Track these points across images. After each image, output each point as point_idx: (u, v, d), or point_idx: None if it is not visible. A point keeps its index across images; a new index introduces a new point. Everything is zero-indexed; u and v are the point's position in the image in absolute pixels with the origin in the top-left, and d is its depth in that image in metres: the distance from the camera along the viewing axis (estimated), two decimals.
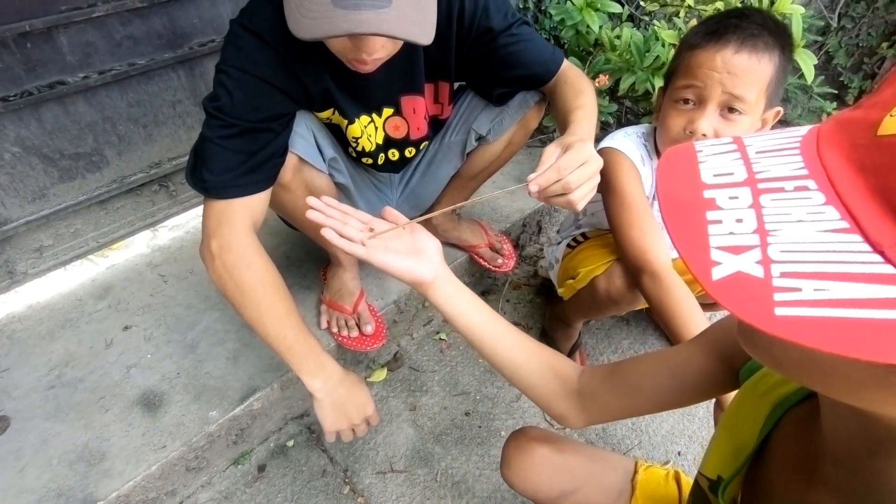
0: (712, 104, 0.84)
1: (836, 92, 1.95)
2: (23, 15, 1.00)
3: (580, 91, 0.90)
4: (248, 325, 0.84)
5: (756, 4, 1.56)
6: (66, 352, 1.14)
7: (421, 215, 0.71)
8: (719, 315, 1.33)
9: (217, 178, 0.78)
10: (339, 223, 0.65)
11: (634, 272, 0.93)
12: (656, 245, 0.91)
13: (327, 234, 0.63)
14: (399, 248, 0.66)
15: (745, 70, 0.81)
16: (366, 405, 0.91)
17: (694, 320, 0.85)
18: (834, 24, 2.06)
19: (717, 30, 0.82)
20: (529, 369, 0.68)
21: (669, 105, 0.90)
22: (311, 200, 0.65)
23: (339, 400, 0.88)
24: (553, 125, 1.60)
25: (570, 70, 0.96)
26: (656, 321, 1.42)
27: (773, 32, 0.81)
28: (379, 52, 0.74)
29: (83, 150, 1.19)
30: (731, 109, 0.84)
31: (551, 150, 0.71)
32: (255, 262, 0.81)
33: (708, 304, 1.12)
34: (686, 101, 0.87)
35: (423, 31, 0.72)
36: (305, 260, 1.36)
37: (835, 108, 1.92)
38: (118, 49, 1.14)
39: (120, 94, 1.19)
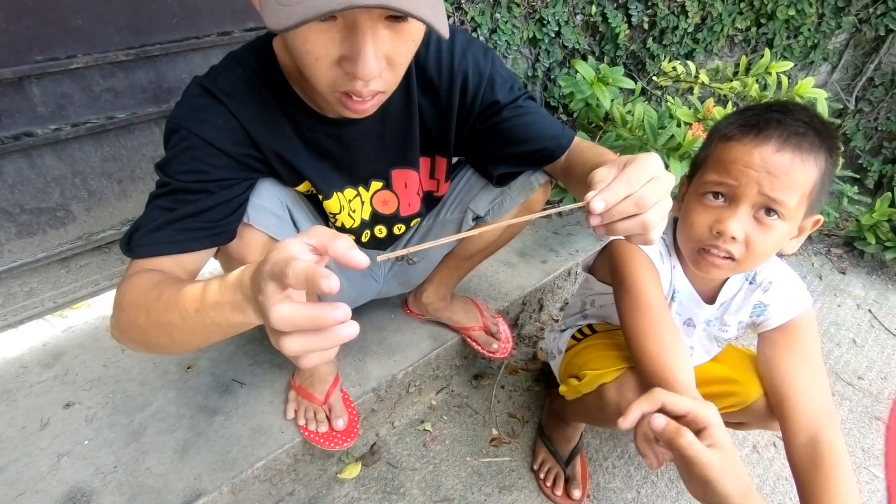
0: (745, 205, 0.73)
1: (856, 176, 1.86)
2: None
3: (604, 151, 0.79)
4: (175, 350, 0.61)
5: (773, 87, 1.51)
6: None
7: (421, 244, 0.50)
8: (749, 435, 1.15)
9: (134, 234, 0.67)
10: None
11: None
12: (678, 362, 0.78)
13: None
14: None
15: (786, 172, 0.70)
16: (280, 262, 0.42)
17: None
18: (851, 106, 2.01)
19: (757, 123, 0.72)
20: None
21: (695, 198, 0.79)
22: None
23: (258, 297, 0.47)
24: (560, 198, 1.50)
25: (583, 142, 0.86)
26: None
27: (820, 133, 0.71)
28: (376, 82, 0.60)
29: (47, 204, 1.09)
30: (768, 212, 0.73)
31: (604, 172, 0.54)
32: (129, 287, 0.62)
33: (732, 424, 0.98)
34: (716, 196, 0.77)
35: (438, 19, 0.55)
36: None
37: (856, 193, 1.83)
38: (96, 102, 1.07)
39: (94, 148, 1.10)
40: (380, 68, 0.58)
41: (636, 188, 0.51)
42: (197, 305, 0.53)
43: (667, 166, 1.24)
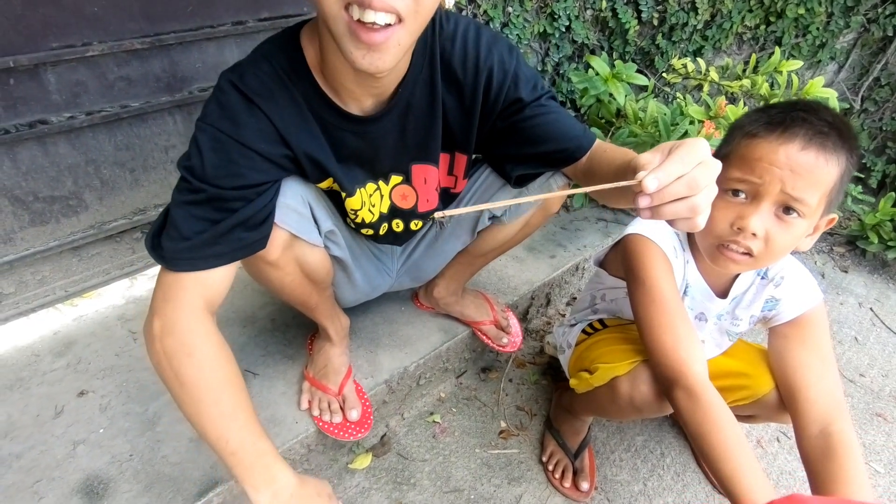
0: (767, 202, 0.74)
1: (860, 175, 1.88)
2: (7, 50, 0.92)
3: (628, 152, 0.76)
4: (188, 422, 0.73)
5: (783, 85, 1.51)
6: (7, 420, 1.00)
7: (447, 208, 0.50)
8: (753, 430, 1.17)
9: (173, 245, 0.67)
10: None
11: (665, 383, 0.81)
12: (693, 354, 0.79)
13: None
14: None
15: (810, 170, 0.71)
16: None
17: (736, 450, 0.72)
18: (856, 106, 2.02)
19: (783, 121, 0.73)
20: None
21: (716, 194, 0.80)
22: None
23: None
24: (575, 197, 1.50)
25: (605, 144, 0.84)
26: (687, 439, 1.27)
27: (842, 134, 0.72)
28: None
29: (60, 193, 1.09)
30: (788, 210, 0.74)
31: (649, 156, 0.53)
32: (199, 351, 0.69)
33: (741, 417, 0.99)
34: (736, 193, 0.77)
35: None
36: (292, 325, 1.24)
37: (860, 192, 1.84)
38: (111, 90, 1.06)
39: (108, 137, 1.10)
40: None
41: (688, 169, 0.50)
42: (233, 450, 0.71)
43: None
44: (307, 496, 0.77)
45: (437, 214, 0.48)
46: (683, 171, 0.50)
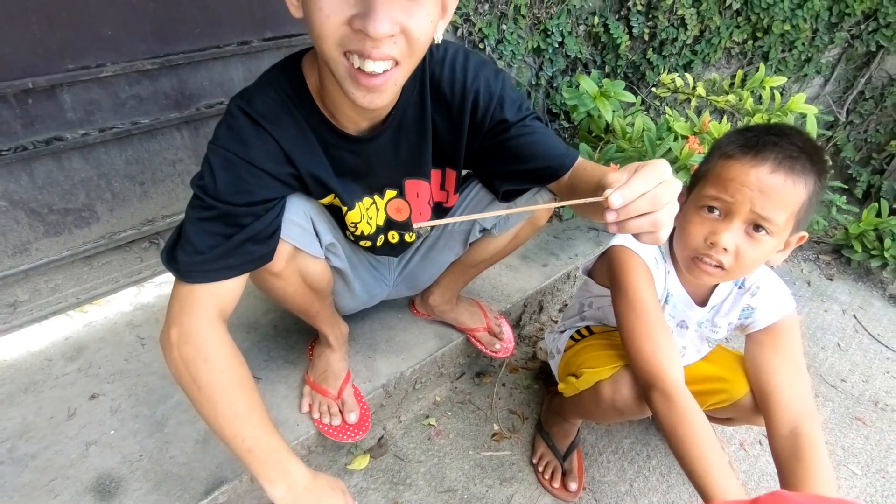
0: (738, 220, 0.80)
1: (845, 186, 1.93)
2: (26, 72, 0.98)
3: (607, 169, 0.80)
4: (204, 423, 0.78)
5: (767, 100, 1.57)
6: (23, 421, 1.05)
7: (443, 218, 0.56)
8: (736, 433, 1.23)
9: (188, 259, 0.72)
10: None
11: (644, 387, 0.86)
12: (670, 360, 0.84)
13: None
14: None
15: (778, 192, 0.76)
16: None
17: (707, 451, 0.77)
18: (842, 118, 2.08)
19: (756, 144, 0.78)
20: None
21: (693, 210, 0.85)
22: None
23: None
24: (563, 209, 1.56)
25: (586, 161, 0.89)
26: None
27: (812, 157, 0.77)
28: (388, 46, 0.60)
29: (73, 205, 1.14)
30: (757, 227, 0.80)
31: (617, 175, 0.57)
32: (214, 357, 0.74)
33: (720, 419, 1.04)
34: (711, 210, 0.83)
35: None
36: (294, 331, 1.29)
37: (844, 202, 1.90)
38: (122, 108, 1.12)
39: (119, 152, 1.16)
40: (391, 30, 0.58)
41: (651, 187, 0.54)
42: (249, 447, 0.76)
43: None
44: (320, 489, 0.82)
45: (416, 224, 0.54)
46: (646, 189, 0.54)
